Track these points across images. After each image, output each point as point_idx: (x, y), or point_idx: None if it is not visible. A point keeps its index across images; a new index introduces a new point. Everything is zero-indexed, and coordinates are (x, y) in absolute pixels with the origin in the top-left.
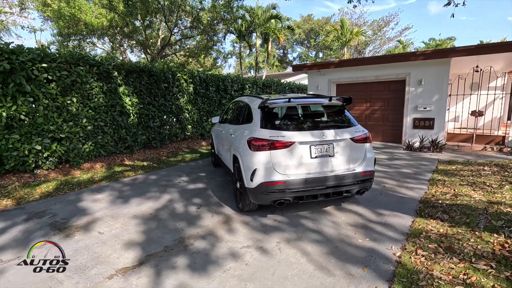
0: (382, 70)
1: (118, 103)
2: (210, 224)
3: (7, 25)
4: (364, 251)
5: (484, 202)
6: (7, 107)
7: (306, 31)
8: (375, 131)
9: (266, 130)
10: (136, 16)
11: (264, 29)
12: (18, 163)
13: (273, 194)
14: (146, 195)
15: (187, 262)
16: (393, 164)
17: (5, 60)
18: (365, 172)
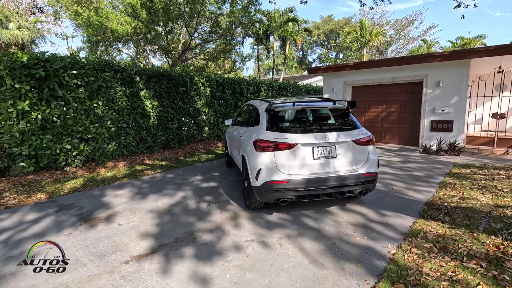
0: (399, 72)
1: (139, 106)
2: (218, 220)
3: (43, 33)
4: (360, 248)
5: (491, 206)
6: (42, 110)
7: (326, 32)
8: (391, 133)
9: (271, 132)
10: (158, 23)
11: (282, 32)
12: (50, 161)
13: (277, 193)
14: (163, 192)
15: (194, 252)
16: (405, 167)
17: (41, 68)
18: (368, 174)
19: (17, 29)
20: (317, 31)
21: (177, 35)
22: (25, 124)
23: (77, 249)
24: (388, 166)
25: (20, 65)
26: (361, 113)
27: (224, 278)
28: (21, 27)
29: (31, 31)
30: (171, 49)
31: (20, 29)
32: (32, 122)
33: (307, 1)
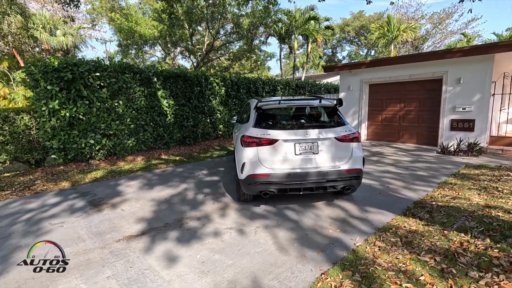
0: (417, 69)
1: (156, 105)
2: (208, 209)
3: (85, 38)
4: (329, 239)
5: (480, 206)
6: (69, 108)
7: (356, 29)
8: (410, 132)
9: (256, 129)
10: (181, 26)
11: (302, 31)
12: (77, 154)
13: (259, 186)
14: (168, 183)
15: (177, 236)
16: (412, 167)
17: (69, 71)
18: (351, 170)
19: (63, 35)
20: (347, 28)
21: (202, 37)
22: (56, 121)
23: (81, 228)
24: (395, 165)
25: (51, 69)
26: (379, 111)
27: (194, 258)
28: (66, 34)
29: (75, 37)
30: (195, 50)
31: (65, 36)
32: (61, 119)
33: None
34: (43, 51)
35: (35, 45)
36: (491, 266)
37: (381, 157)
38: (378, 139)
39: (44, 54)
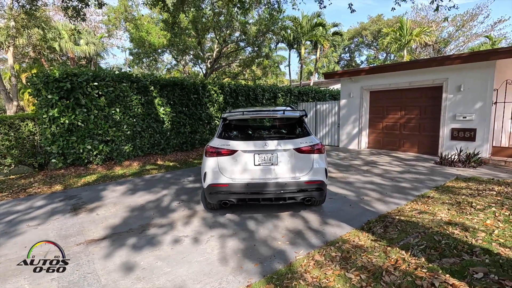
0: (417, 76)
1: (153, 112)
2: (176, 217)
3: (106, 46)
4: (273, 251)
5: (441, 222)
6: (68, 116)
7: (374, 33)
8: (411, 141)
9: (219, 140)
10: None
11: (309, 37)
12: (75, 158)
13: (219, 195)
14: (151, 190)
15: (134, 242)
16: (399, 178)
17: (68, 81)
18: (311, 181)
19: (86, 44)
20: (364, 32)
21: (213, 44)
22: (55, 127)
23: (52, 231)
24: (382, 176)
25: (52, 79)
26: (380, 119)
27: (138, 264)
28: (89, 43)
29: (96, 46)
30: (204, 58)
31: (88, 45)
32: (60, 126)
33: (326, 6)
34: (68, 60)
35: (61, 53)
36: (411, 286)
37: (372, 167)
38: (379, 147)
39: (69, 62)
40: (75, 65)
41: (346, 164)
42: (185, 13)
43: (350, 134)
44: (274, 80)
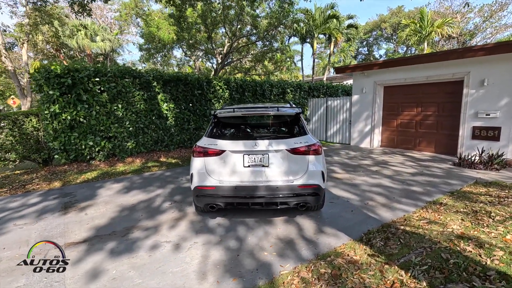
0: (434, 70)
1: (156, 108)
2: (163, 219)
3: (122, 42)
4: (257, 264)
5: (452, 235)
6: (69, 112)
7: (394, 25)
8: (427, 140)
9: (207, 139)
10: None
11: (322, 30)
12: (78, 154)
13: (205, 198)
14: (147, 188)
15: (113, 247)
16: (410, 180)
17: (69, 77)
18: (305, 186)
19: (102, 41)
20: (384, 24)
21: (224, 39)
22: (57, 123)
23: (35, 231)
24: (392, 178)
25: (54, 75)
26: (394, 116)
27: (110, 273)
28: (104, 39)
29: (112, 42)
30: (215, 53)
31: (104, 41)
32: (62, 122)
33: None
34: (85, 56)
35: (79, 50)
36: None
37: (382, 168)
38: (393, 146)
39: (86, 59)
40: (92, 62)
41: (355, 164)
42: (193, 6)
43: (362, 131)
44: (289, 76)
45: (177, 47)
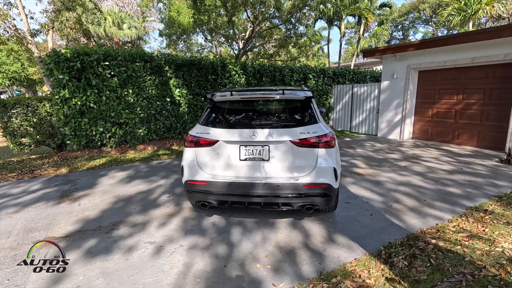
0: (483, 50)
1: (168, 94)
2: (156, 214)
3: (148, 30)
4: (244, 279)
5: (502, 258)
6: (79, 97)
7: (434, 6)
8: (469, 132)
9: (201, 126)
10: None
11: (352, 11)
12: (88, 140)
13: (196, 194)
14: (150, 178)
15: (92, 245)
16: (446, 179)
17: (79, 61)
18: (313, 185)
19: (128, 28)
20: (422, 5)
21: (247, 23)
22: (67, 109)
23: (22, 222)
24: (424, 175)
25: (63, 58)
26: (429, 104)
27: (75, 280)
28: (131, 27)
29: (138, 30)
30: (236, 38)
31: (130, 29)
32: (72, 107)
33: None
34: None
35: (106, 38)
36: None
37: (413, 163)
38: (427, 138)
39: (114, 47)
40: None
41: (380, 157)
42: None
43: (391, 121)
44: (315, 63)
45: (197, 32)
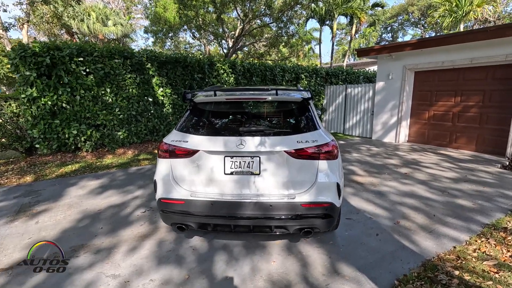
0: (482, 50)
1: (150, 94)
2: (126, 235)
3: (135, 28)
4: None
5: None
6: (50, 96)
7: (422, 9)
8: (467, 136)
9: (178, 133)
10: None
11: (344, 10)
12: (61, 144)
13: (171, 215)
14: (125, 188)
15: (39, 281)
16: (453, 189)
17: (48, 56)
18: (313, 204)
19: (113, 25)
20: (411, 8)
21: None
22: (36, 109)
23: None
24: (428, 184)
25: (30, 53)
26: (426, 106)
27: None
28: (116, 24)
29: (124, 27)
30: (225, 36)
31: (116, 26)
32: (41, 108)
33: None
34: (98, 41)
35: (90, 35)
36: None
37: (414, 169)
38: (423, 141)
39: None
40: None
41: (379, 163)
42: None
43: (386, 124)
44: (306, 63)
45: (184, 29)
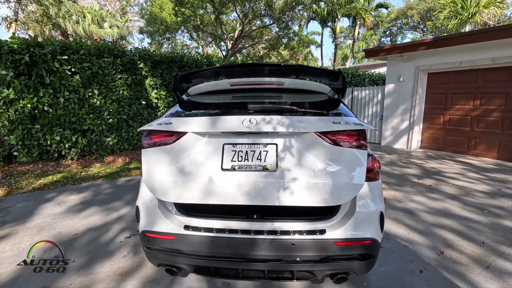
0: (505, 49)
1: (143, 96)
2: (102, 273)
3: (132, 30)
4: None
5: None
6: (29, 98)
7: (421, 13)
8: (488, 142)
9: (161, 119)
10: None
11: (347, 11)
12: (42, 151)
13: (158, 254)
14: (109, 205)
15: None
16: (491, 206)
17: (28, 53)
18: (351, 242)
19: (110, 27)
20: (410, 11)
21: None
22: (13, 112)
23: None
24: (460, 199)
25: (7, 50)
26: (440, 110)
27: None
28: (113, 26)
29: (121, 29)
30: (223, 37)
31: (112, 28)
32: (20, 111)
33: None
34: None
35: (86, 37)
36: None
37: (438, 180)
38: (438, 148)
39: None
40: None
41: (396, 173)
42: None
43: (396, 129)
44: None
45: (182, 30)
